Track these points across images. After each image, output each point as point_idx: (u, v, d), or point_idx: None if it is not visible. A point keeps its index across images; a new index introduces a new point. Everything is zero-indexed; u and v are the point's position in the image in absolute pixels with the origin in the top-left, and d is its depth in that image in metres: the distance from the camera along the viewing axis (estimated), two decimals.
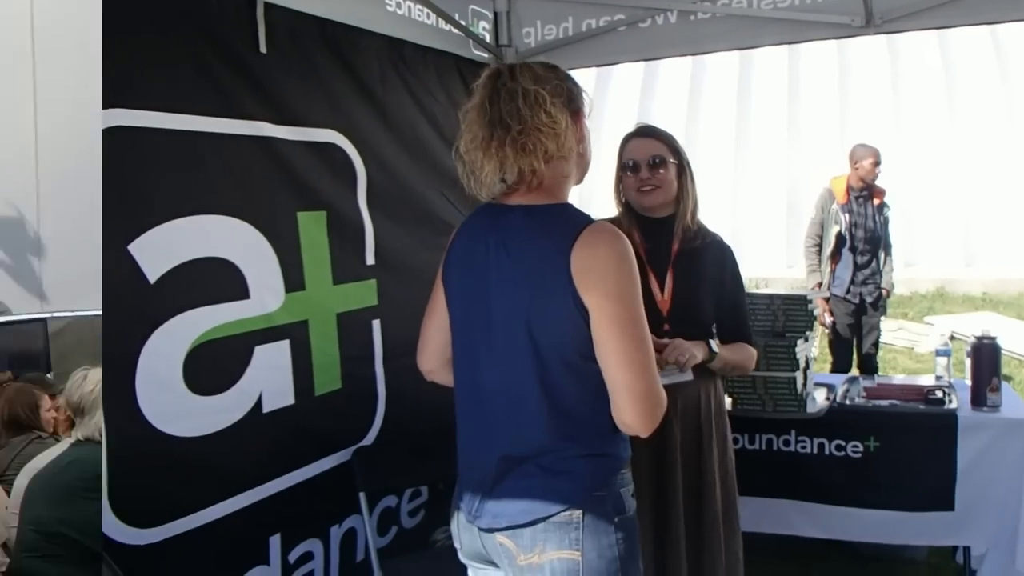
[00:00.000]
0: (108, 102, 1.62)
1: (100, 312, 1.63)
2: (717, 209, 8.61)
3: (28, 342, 7.03)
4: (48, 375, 6.35)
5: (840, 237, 4.53)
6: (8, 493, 2.50)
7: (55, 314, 7.27)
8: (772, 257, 9.41)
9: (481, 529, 1.32)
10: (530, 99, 1.23)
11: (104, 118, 1.61)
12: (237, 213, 1.93)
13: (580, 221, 1.25)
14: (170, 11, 1.76)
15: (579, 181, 1.39)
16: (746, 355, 2.04)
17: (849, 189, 4.53)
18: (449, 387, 1.46)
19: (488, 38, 2.91)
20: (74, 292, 6.97)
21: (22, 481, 2.35)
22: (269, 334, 2.01)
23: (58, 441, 2.77)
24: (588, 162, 1.39)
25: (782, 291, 3.13)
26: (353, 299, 2.31)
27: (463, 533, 1.38)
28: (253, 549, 2.01)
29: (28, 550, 2.08)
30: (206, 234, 1.84)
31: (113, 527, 1.64)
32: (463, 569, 1.46)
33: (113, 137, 1.63)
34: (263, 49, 1.98)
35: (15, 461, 2.77)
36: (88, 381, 2.09)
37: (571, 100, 1.30)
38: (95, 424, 2.03)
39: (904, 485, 2.61)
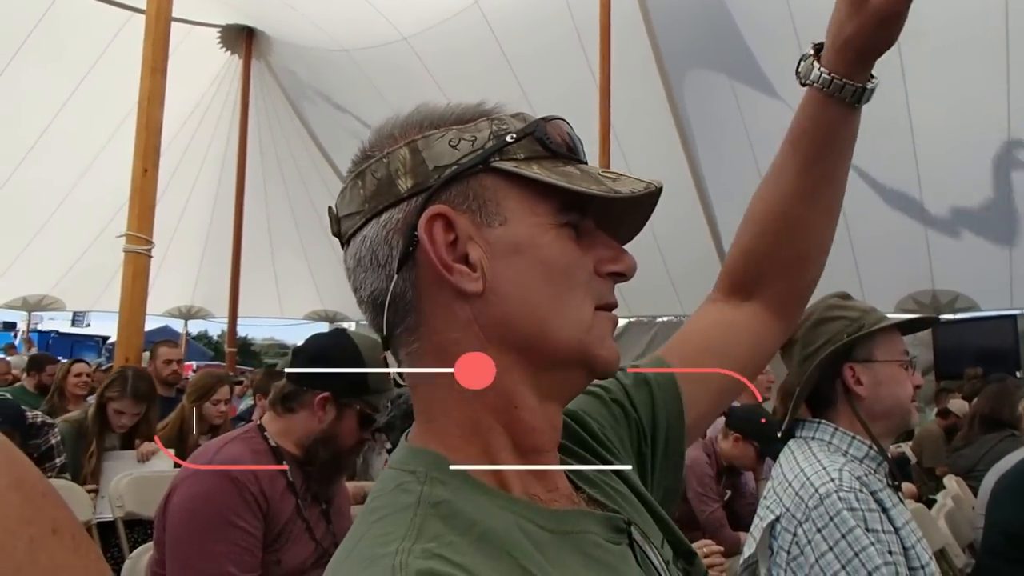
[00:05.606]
0: None
1: None
2: None
3: (997, 339, 6.97)
4: (1019, 374, 6.14)
5: None
6: (975, 493, 2.50)
7: None
8: None
9: None
10: None
11: None
12: None
13: None
14: None
15: None
16: None
17: None
18: None
19: None
20: None
21: (990, 480, 2.31)
22: None
23: None
24: None
25: None
26: None
27: None
28: None
29: (991, 553, 2.01)
30: None
31: None
32: None
33: None
34: None
35: (986, 458, 2.76)
36: None
37: None
38: None
39: None
